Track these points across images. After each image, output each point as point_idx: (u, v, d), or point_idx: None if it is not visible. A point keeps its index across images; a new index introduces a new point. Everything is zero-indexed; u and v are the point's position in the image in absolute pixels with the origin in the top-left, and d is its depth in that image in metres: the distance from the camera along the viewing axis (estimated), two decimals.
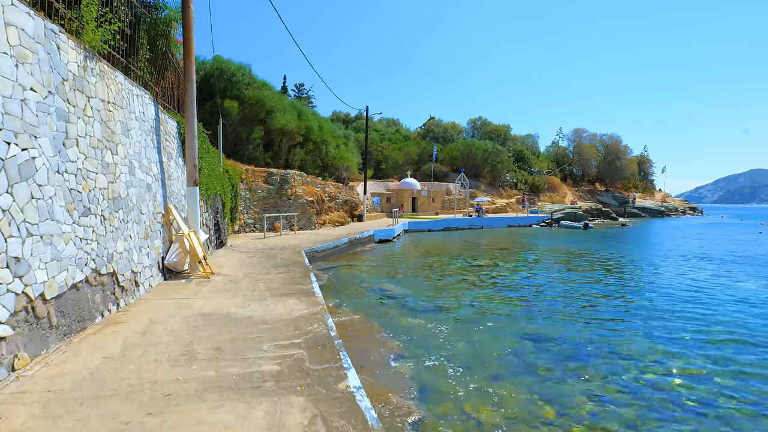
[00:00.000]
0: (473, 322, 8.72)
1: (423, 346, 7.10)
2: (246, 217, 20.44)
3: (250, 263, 11.03)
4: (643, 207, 65.09)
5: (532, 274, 14.65)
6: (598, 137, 68.68)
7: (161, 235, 8.35)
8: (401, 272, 14.55)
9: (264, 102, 24.31)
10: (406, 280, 13.08)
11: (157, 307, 6.39)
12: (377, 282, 12.55)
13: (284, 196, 21.84)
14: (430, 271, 14.73)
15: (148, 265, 7.53)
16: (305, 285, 8.25)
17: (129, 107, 7.24)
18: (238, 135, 23.93)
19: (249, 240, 16.68)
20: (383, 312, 9.30)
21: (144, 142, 7.87)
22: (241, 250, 13.72)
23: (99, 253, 5.69)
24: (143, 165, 7.69)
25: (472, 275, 14.29)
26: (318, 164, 31.65)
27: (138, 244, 7.13)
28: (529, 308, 10.01)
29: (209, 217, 12.64)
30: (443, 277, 13.85)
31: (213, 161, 13.68)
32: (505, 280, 13.55)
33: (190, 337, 5.00)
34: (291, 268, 10.41)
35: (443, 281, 13.11)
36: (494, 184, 49.37)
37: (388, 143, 49.16)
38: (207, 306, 6.48)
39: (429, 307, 9.78)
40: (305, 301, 6.92)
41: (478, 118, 58.96)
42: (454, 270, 15.22)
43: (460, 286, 12.44)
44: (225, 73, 23.09)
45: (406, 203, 38.34)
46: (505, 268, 15.90)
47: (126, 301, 6.42)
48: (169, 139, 9.51)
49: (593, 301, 10.94)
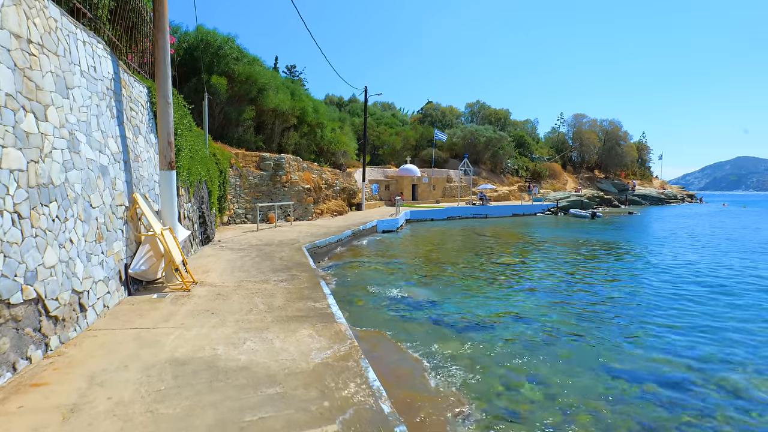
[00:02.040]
0: (534, 346, 6.80)
1: (488, 395, 5.15)
2: (236, 207, 18.27)
3: (243, 265, 8.97)
4: (643, 194, 63.79)
5: (568, 273, 12.77)
6: (598, 123, 66.96)
7: (124, 236, 6.25)
8: (416, 270, 12.59)
9: (255, 79, 21.91)
10: (426, 282, 11.13)
11: (109, 346, 4.34)
12: (392, 284, 10.59)
13: (278, 184, 19.67)
14: (449, 270, 12.78)
15: (103, 278, 5.45)
16: (318, 301, 6.23)
17: (69, 57, 5.08)
18: (226, 115, 21.57)
19: (240, 233, 14.57)
20: (412, 330, 7.35)
21: (96, 108, 5.72)
22: (231, 246, 11.62)
23: (6, 272, 3.62)
24: (94, 140, 5.55)
25: (501, 275, 12.39)
26: (313, 149, 29.38)
27: (86, 251, 5.04)
28: (597, 322, 8.10)
29: (192, 208, 10.50)
30: (467, 277, 11.93)
31: (197, 142, 11.50)
32: (543, 282, 11.64)
33: (147, 422, 2.98)
34: (294, 272, 8.37)
35: (469, 283, 11.18)
36: (495, 171, 47.44)
37: (384, 128, 46.83)
38: (182, 344, 4.44)
39: (467, 323, 7.84)
40: (325, 332, 4.91)
41: (476, 102, 56.66)
42: (476, 268, 13.30)
43: (491, 289, 10.52)
44: (211, 46, 20.60)
45: (405, 191, 36.29)
46: (534, 266, 14.01)
47: (63, 337, 4.37)
48: (136, 108, 7.33)
49: (687, 308, 9.05)
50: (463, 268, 13.10)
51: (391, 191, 36.03)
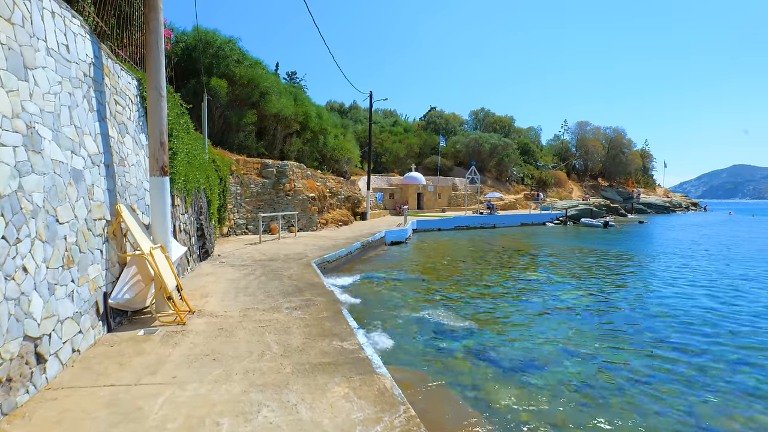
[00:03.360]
0: (599, 390, 5.57)
1: None
2: (237, 217, 17.05)
3: (248, 286, 7.74)
4: (648, 203, 62.75)
5: (601, 291, 11.57)
6: (602, 130, 66.16)
7: (103, 257, 5.03)
8: (437, 288, 11.37)
9: (257, 82, 20.80)
10: (451, 303, 9.90)
11: (69, 420, 3.10)
12: (415, 306, 9.37)
13: (281, 192, 18.47)
14: (472, 290, 11.54)
15: (72, 314, 4.22)
16: (346, 339, 4.99)
17: (30, 28, 3.90)
18: (226, 120, 20.42)
19: (241, 246, 13.34)
20: (455, 367, 6.12)
21: (69, 98, 4.54)
22: (232, 262, 10.40)
23: None
24: (64, 137, 4.36)
25: (530, 292, 11.18)
26: (315, 156, 28.25)
27: (47, 281, 3.83)
28: (671, 360, 6.89)
29: (189, 220, 9.28)
30: (493, 295, 10.72)
31: (195, 146, 10.33)
32: (578, 302, 10.43)
33: None
34: (308, 296, 7.14)
35: (501, 305, 9.96)
36: (501, 179, 46.34)
37: (387, 135, 45.80)
38: (173, 414, 3.21)
39: (513, 358, 6.60)
40: (364, 390, 3.68)
41: (480, 109, 55.65)
42: (500, 284, 12.09)
43: (531, 313, 9.27)
44: (210, 47, 19.50)
45: (410, 200, 35.11)
46: (563, 283, 12.79)
47: (8, 406, 3.14)
48: (123, 102, 6.15)
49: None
50: (487, 287, 11.88)
51: (396, 200, 34.87)
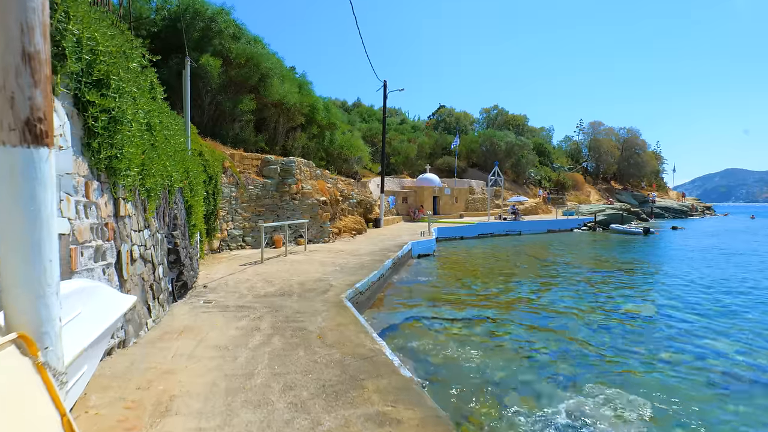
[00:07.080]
0: None
1: None
2: (231, 227, 13.45)
3: (251, 372, 4.16)
4: (665, 207, 59.62)
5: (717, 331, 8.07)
6: (615, 130, 63.10)
7: None
8: (504, 325, 7.84)
9: (258, 63, 17.22)
10: (538, 354, 6.36)
11: None
12: (501, 370, 5.83)
13: (287, 195, 14.91)
14: (558, 328, 7.99)
15: None
16: None
17: None
18: (218, 106, 16.81)
19: (237, 268, 9.75)
20: None
21: None
22: (225, 301, 6.81)
23: None
24: None
25: (643, 341, 7.66)
26: (321, 155, 24.68)
27: None
28: None
29: (153, 239, 5.66)
30: (588, 337, 7.19)
31: (166, 122, 6.79)
32: (713, 357, 6.93)
33: None
34: (374, 399, 3.57)
35: (602, 355, 6.43)
36: (518, 182, 42.95)
37: (394, 134, 42.33)
38: None
39: None
40: None
41: (494, 106, 52.20)
42: (597, 322, 8.54)
43: (658, 377, 5.75)
44: (200, 17, 15.92)
45: (426, 203, 31.59)
46: (674, 321, 9.28)
47: None
48: None
49: None
50: (603, 327, 8.34)
51: (409, 204, 31.35)
